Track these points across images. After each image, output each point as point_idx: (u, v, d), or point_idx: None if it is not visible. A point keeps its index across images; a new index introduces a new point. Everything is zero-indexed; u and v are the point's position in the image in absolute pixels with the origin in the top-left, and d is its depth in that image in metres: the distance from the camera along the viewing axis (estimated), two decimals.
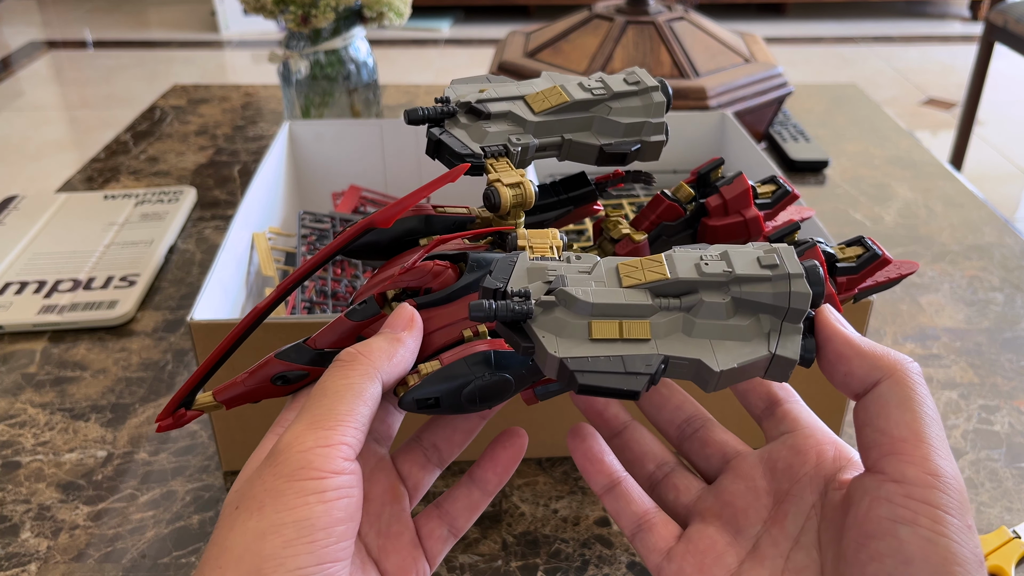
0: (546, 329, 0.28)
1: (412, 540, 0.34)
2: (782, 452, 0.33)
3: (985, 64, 1.99)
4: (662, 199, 0.41)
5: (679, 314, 0.28)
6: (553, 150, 0.39)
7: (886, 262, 0.36)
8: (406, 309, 0.32)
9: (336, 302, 0.67)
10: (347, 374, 0.29)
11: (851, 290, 0.36)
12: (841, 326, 0.29)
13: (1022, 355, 0.72)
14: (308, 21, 0.92)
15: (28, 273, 0.81)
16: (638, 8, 1.04)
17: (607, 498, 0.34)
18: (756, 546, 0.31)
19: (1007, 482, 0.59)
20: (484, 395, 0.31)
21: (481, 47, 3.30)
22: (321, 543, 0.26)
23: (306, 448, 0.27)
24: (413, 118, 0.38)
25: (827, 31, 3.53)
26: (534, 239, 0.33)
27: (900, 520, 0.26)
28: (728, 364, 0.27)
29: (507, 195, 0.35)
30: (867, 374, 0.28)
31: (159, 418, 0.35)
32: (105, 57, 3.18)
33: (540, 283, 0.29)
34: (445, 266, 0.34)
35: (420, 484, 0.35)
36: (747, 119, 0.99)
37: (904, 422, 0.27)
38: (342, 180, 0.86)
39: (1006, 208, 2.11)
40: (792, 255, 0.29)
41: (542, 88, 0.40)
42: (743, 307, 0.28)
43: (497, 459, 0.35)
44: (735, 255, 0.29)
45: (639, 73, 0.41)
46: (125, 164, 1.07)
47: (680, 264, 0.29)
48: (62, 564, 0.52)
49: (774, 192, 0.42)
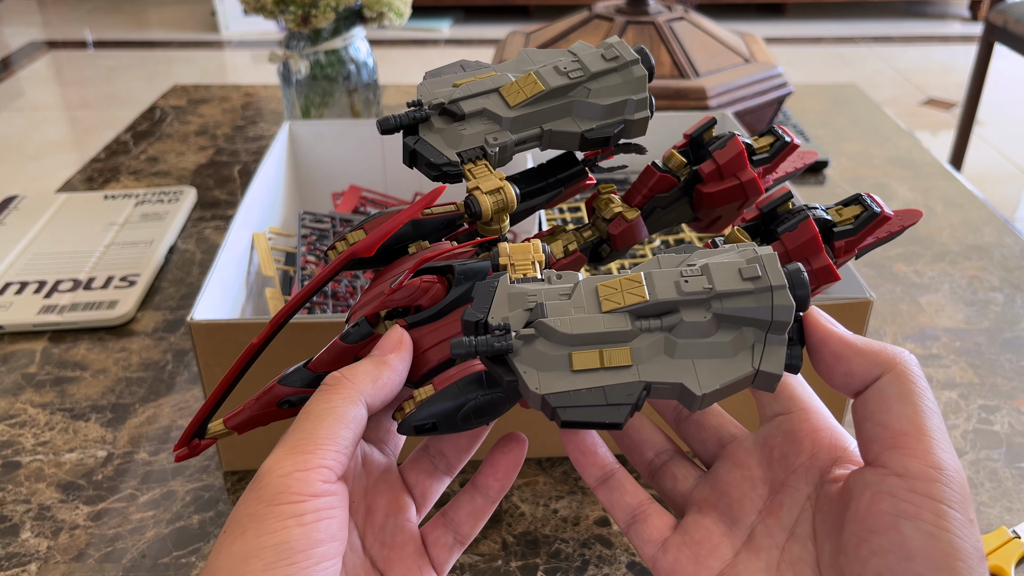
0: (527, 363, 0.28)
1: (417, 549, 0.34)
2: (777, 438, 0.32)
3: (985, 64, 1.99)
4: (653, 171, 0.40)
5: (660, 335, 0.28)
6: (533, 142, 0.38)
7: (887, 218, 0.34)
8: (395, 331, 0.33)
9: (336, 302, 0.67)
10: (330, 398, 0.30)
11: (850, 252, 0.35)
12: (833, 327, 0.29)
13: (1022, 355, 0.72)
14: (308, 21, 0.92)
15: (28, 273, 0.81)
16: (638, 8, 1.04)
17: (601, 490, 0.34)
18: (751, 537, 0.31)
19: (1007, 482, 0.59)
20: (479, 414, 0.31)
21: (481, 47, 3.30)
22: (301, 565, 0.26)
23: (285, 473, 0.27)
24: (386, 128, 0.37)
25: (827, 31, 3.53)
26: (515, 255, 0.33)
27: (903, 515, 0.26)
28: (711, 386, 0.27)
29: (487, 203, 0.35)
30: (867, 371, 0.28)
31: (176, 447, 0.36)
32: (105, 57, 3.18)
33: (521, 311, 0.29)
34: (433, 281, 0.34)
35: (429, 492, 0.36)
36: (747, 119, 0.99)
37: (905, 416, 0.27)
38: (342, 180, 0.86)
39: (1006, 208, 2.11)
40: (774, 263, 0.28)
41: (518, 74, 0.38)
42: (726, 322, 0.28)
43: (497, 465, 0.35)
44: (716, 269, 0.28)
45: (617, 47, 0.39)
46: (125, 164, 1.07)
47: (659, 283, 0.29)
48: (62, 564, 0.52)
49: (772, 144, 0.40)
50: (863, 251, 0.35)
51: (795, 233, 0.33)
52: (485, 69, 0.39)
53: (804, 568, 0.29)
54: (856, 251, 0.35)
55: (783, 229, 0.34)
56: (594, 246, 0.40)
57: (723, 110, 0.88)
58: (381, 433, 0.36)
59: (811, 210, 0.34)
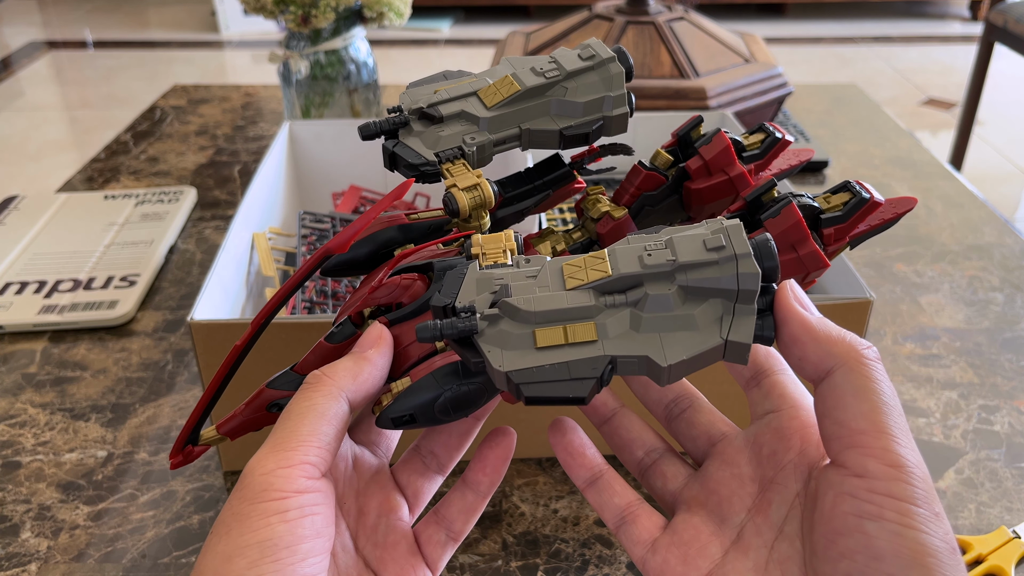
0: (492, 343, 0.28)
1: (410, 548, 0.34)
2: (767, 436, 0.32)
3: (985, 64, 1.99)
4: (640, 170, 0.40)
5: (626, 311, 0.28)
6: (513, 142, 0.38)
7: (876, 205, 0.34)
8: (375, 327, 0.33)
9: (336, 302, 0.67)
10: (310, 396, 0.30)
11: (842, 239, 0.34)
12: (799, 306, 0.28)
13: (1022, 355, 0.72)
14: (308, 21, 0.92)
15: (28, 273, 0.81)
16: (638, 8, 1.04)
17: (590, 491, 0.34)
18: (740, 535, 0.31)
19: (1007, 482, 0.59)
20: (456, 405, 0.31)
21: (481, 47, 3.30)
22: (286, 561, 0.26)
23: (267, 471, 0.27)
24: (366, 134, 0.38)
25: (827, 31, 3.53)
26: (487, 245, 0.33)
27: (865, 516, 0.25)
28: (677, 357, 0.27)
29: (464, 199, 0.35)
30: (820, 360, 0.27)
31: (171, 455, 0.36)
32: (105, 57, 3.18)
33: (487, 295, 0.29)
34: (413, 279, 0.34)
35: (421, 492, 0.36)
36: (747, 119, 0.99)
37: (861, 412, 0.26)
38: (342, 180, 0.86)
39: (1006, 208, 2.11)
40: (740, 232, 0.28)
41: (496, 79, 0.39)
42: (692, 294, 0.27)
43: (486, 460, 0.35)
44: (680, 241, 0.28)
45: (594, 46, 0.39)
46: (125, 164, 1.07)
47: (622, 258, 0.28)
48: (62, 564, 0.52)
49: (763, 141, 0.40)
50: (857, 240, 0.35)
51: (778, 219, 0.33)
52: (467, 76, 0.40)
53: (792, 567, 0.29)
54: (848, 239, 0.34)
55: (766, 216, 0.33)
56: (584, 247, 0.40)
57: (723, 110, 0.88)
58: (372, 435, 0.36)
59: (796, 197, 0.33)
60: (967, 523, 0.56)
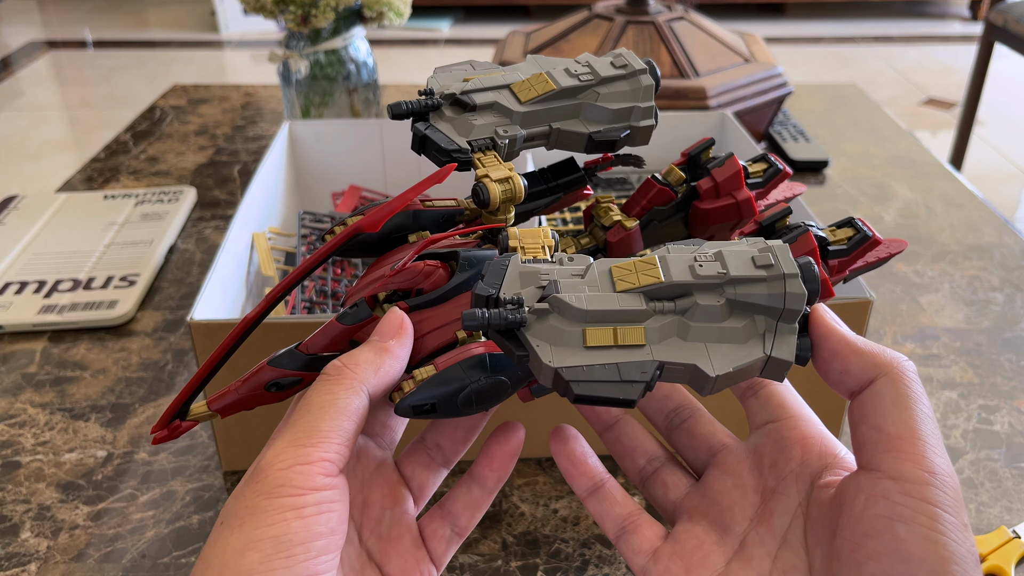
0: (540, 337, 0.27)
1: (415, 542, 0.34)
2: (767, 446, 0.32)
3: (985, 64, 1.99)
4: (653, 183, 0.40)
5: (674, 318, 0.28)
6: (541, 140, 0.38)
7: (876, 243, 0.35)
8: (395, 314, 0.32)
9: (336, 302, 0.67)
10: (331, 389, 0.29)
11: (842, 272, 0.36)
12: (836, 324, 0.29)
13: (1022, 355, 0.72)
14: (308, 21, 0.92)
15: (28, 273, 0.81)
16: (638, 8, 1.04)
17: (590, 501, 0.34)
18: (743, 545, 0.31)
19: (1007, 482, 0.59)
20: (480, 398, 0.31)
21: (481, 47, 3.30)
22: (299, 557, 0.26)
23: (286, 466, 0.27)
24: (397, 113, 0.37)
25: (827, 31, 3.53)
26: (525, 239, 0.33)
27: (897, 518, 0.25)
28: (724, 368, 0.27)
29: (496, 191, 0.35)
30: (863, 372, 0.28)
31: (154, 429, 0.34)
32: (105, 57, 3.18)
33: (533, 288, 0.29)
34: (436, 266, 0.33)
35: (426, 485, 0.35)
36: (747, 119, 0.99)
37: (900, 419, 0.27)
38: (342, 180, 0.86)
39: (1006, 208, 2.11)
40: (787, 253, 0.29)
41: (528, 74, 0.39)
42: (738, 308, 0.28)
43: (493, 455, 0.35)
44: (729, 255, 0.29)
45: (626, 56, 0.40)
46: (125, 164, 1.07)
47: (674, 266, 0.29)
48: (62, 564, 0.52)
49: (765, 170, 0.41)
50: (852, 275, 0.36)
51: (795, 246, 0.34)
52: (495, 69, 0.40)
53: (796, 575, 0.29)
54: (847, 272, 0.36)
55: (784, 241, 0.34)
56: (590, 254, 0.40)
57: (723, 110, 0.88)
58: (377, 427, 0.35)
59: (808, 227, 0.35)
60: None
